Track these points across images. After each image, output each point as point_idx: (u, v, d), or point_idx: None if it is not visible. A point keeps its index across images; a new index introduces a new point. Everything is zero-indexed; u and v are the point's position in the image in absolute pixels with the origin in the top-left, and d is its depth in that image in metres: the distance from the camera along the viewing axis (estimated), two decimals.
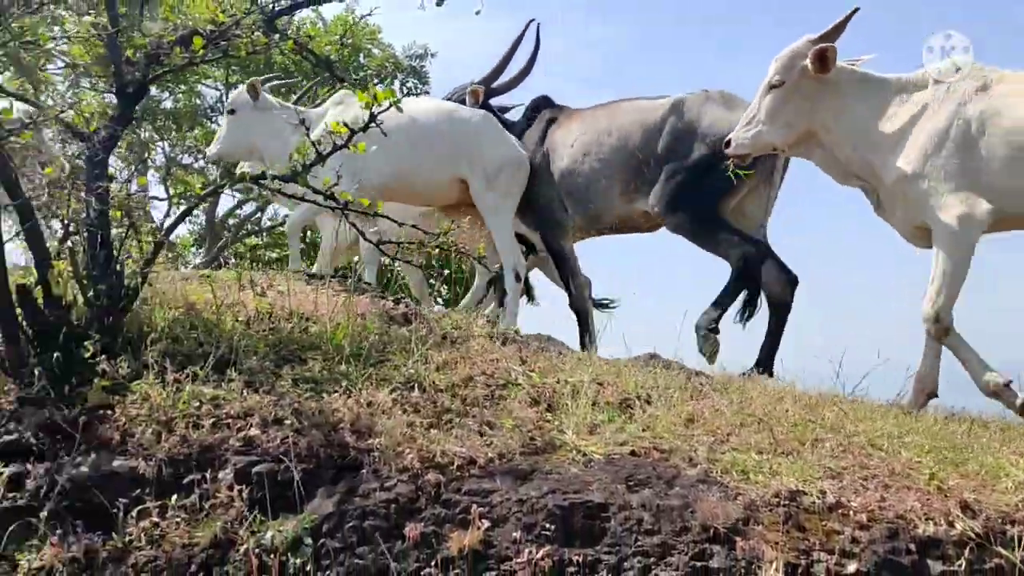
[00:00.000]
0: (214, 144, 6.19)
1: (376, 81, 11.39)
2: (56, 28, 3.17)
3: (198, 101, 11.76)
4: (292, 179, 3.58)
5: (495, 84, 6.17)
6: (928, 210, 3.91)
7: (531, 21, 6.21)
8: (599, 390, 3.50)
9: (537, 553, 2.45)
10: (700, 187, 5.04)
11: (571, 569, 2.46)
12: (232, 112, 5.95)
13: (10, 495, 2.88)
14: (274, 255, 11.44)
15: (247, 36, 3.64)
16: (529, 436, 3.02)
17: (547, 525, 2.54)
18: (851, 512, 2.67)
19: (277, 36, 3.71)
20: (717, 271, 5.06)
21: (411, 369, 3.52)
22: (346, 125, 3.40)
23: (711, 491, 2.68)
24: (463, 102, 5.91)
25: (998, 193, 3.85)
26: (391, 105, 3.32)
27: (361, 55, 11.65)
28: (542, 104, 6.08)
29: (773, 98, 4.22)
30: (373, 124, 3.37)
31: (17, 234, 3.30)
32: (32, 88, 3.46)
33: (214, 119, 11.70)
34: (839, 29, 4.18)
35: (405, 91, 12.32)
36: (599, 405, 3.36)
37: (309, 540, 2.60)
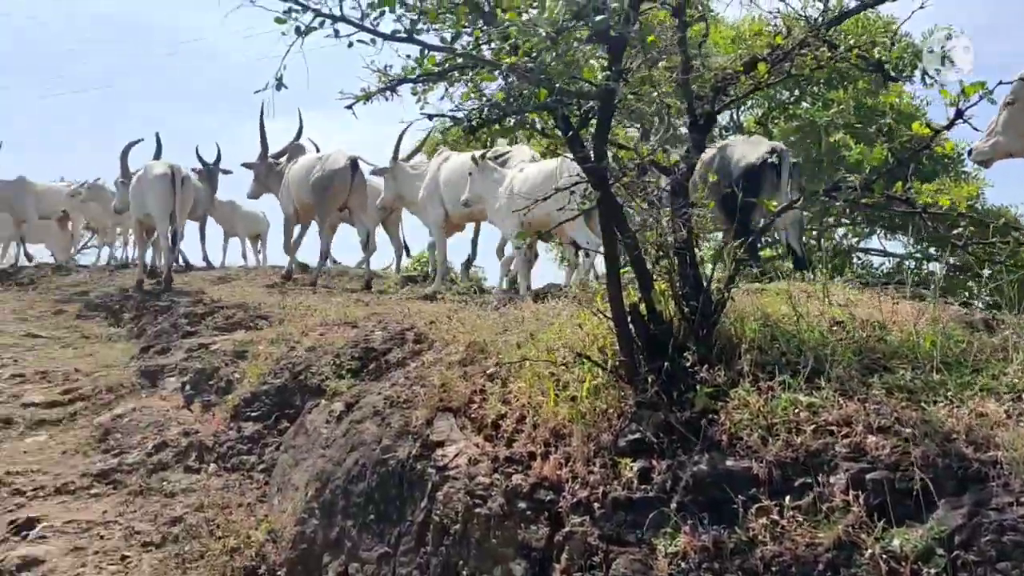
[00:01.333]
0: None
1: (892, 74, 10.72)
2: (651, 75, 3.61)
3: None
4: (867, 188, 3.59)
5: None
6: None
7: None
8: None
9: None
10: None
11: None
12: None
13: (641, 487, 3.33)
14: (789, 265, 11.37)
15: (811, 53, 3.74)
16: None
17: None
18: None
19: (841, 48, 3.74)
20: None
21: (1014, 378, 3.26)
22: (928, 126, 3.29)
23: None
24: None
25: None
26: (982, 98, 3.14)
27: (876, 49, 11.01)
28: None
29: (1008, 113, 4.95)
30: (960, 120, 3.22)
31: (626, 263, 3.81)
32: (647, 135, 3.99)
33: (730, 131, 12.29)
34: None
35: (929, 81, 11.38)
36: None
37: (941, 551, 2.55)
